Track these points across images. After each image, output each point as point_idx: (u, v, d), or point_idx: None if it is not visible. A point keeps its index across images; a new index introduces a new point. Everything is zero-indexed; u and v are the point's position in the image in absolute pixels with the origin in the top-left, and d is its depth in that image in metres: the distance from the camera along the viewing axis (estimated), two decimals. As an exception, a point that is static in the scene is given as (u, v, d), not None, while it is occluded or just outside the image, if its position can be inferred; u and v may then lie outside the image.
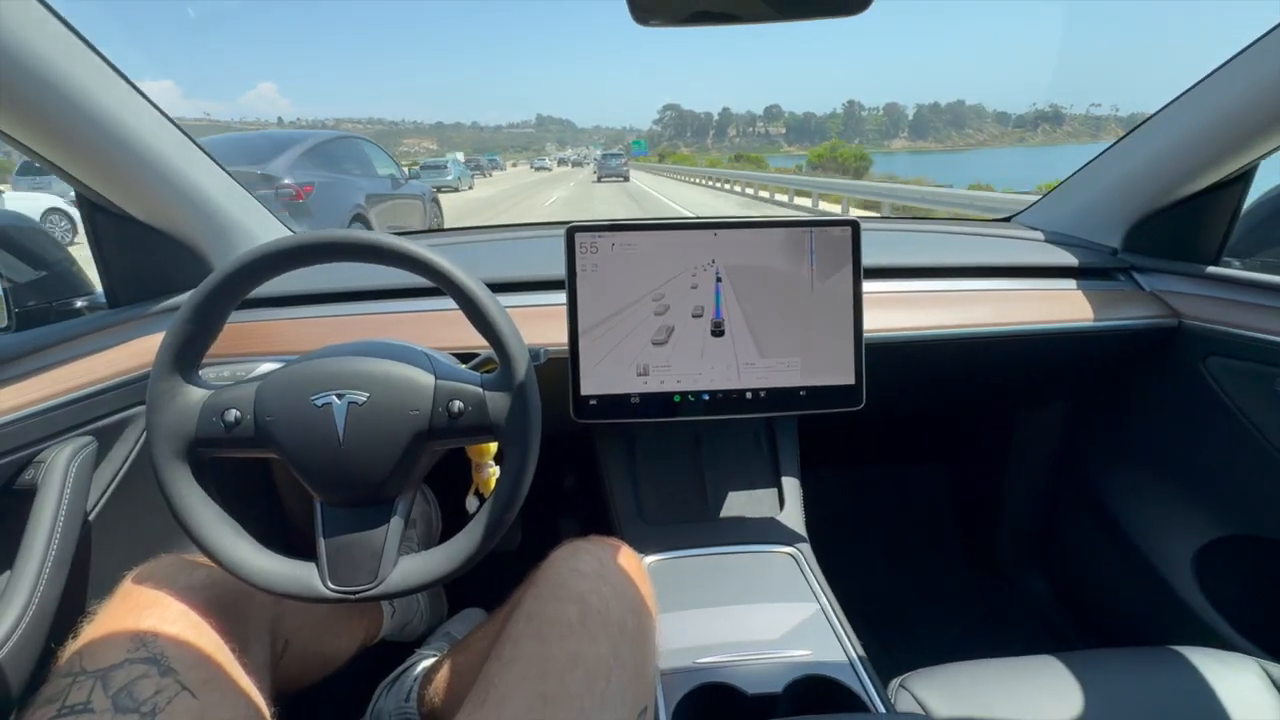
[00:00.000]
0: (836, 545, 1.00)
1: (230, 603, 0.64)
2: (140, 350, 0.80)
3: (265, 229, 1.02)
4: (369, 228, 5.80)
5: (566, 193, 21.45)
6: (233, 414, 0.58)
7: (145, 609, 0.58)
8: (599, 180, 27.22)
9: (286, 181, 4.91)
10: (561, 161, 78.14)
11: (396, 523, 0.61)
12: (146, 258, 0.88)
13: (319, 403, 0.58)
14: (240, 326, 0.89)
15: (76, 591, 0.68)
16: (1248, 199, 0.98)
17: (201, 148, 0.88)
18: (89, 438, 0.73)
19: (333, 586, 0.58)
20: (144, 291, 0.89)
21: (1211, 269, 0.99)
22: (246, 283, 0.58)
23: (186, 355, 0.58)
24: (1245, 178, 0.94)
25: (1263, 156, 0.89)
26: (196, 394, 0.58)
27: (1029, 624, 1.29)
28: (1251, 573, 0.97)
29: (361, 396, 0.58)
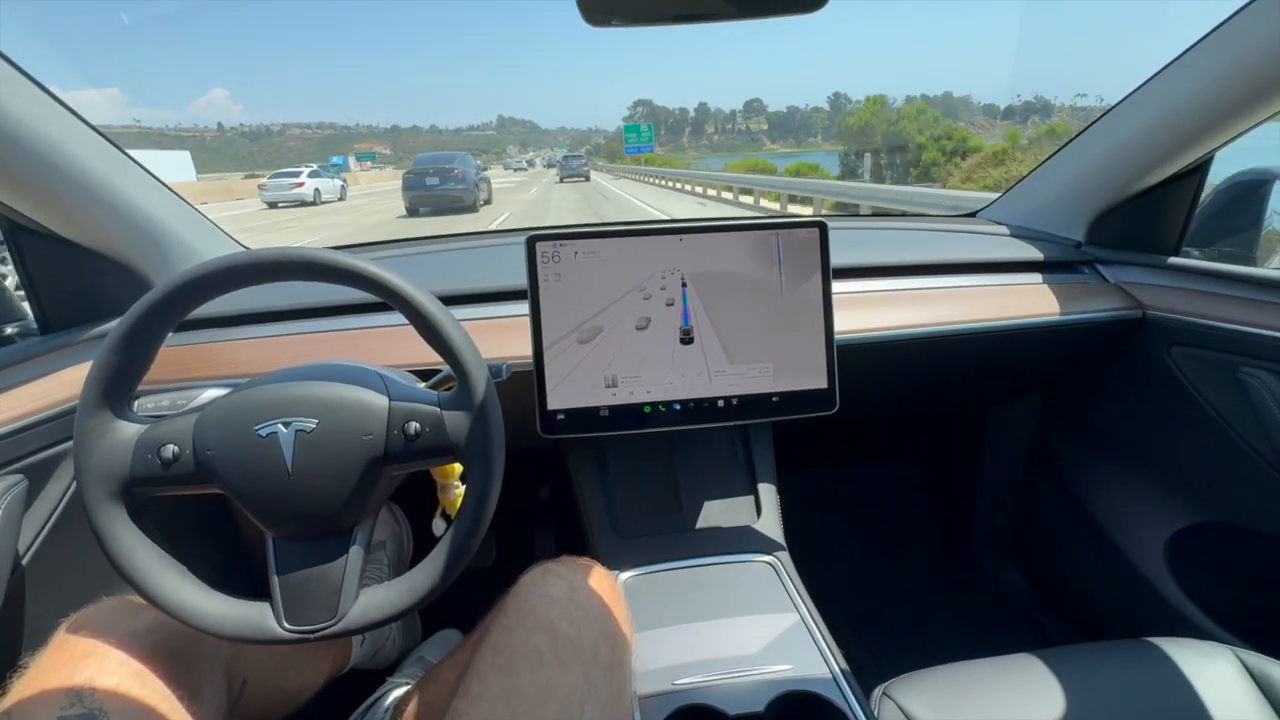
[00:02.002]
0: (815, 549, 0.99)
1: (179, 646, 0.60)
2: (74, 380, 0.75)
3: (211, 244, 0.97)
4: (476, 192, 14.19)
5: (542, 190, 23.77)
6: (170, 449, 0.54)
7: (82, 659, 0.54)
8: (561, 181, 30.19)
9: (458, 171, 13.52)
10: (530, 164, 78.17)
11: (356, 553, 0.58)
12: (81, 280, 0.83)
13: (264, 432, 0.54)
14: (180, 350, 0.85)
15: (7, 643, 0.64)
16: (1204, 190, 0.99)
17: (134, 160, 0.83)
18: (18, 476, 0.68)
19: (288, 626, 0.55)
20: (80, 316, 0.84)
21: (1173, 260, 1.00)
22: (177, 309, 0.54)
23: (116, 388, 0.54)
24: (1201, 169, 0.96)
25: (1218, 148, 0.90)
26: (129, 429, 0.55)
27: (1009, 619, 1.30)
28: (1220, 559, 0.98)
29: (310, 423, 0.55)
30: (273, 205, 19.23)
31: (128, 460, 0.54)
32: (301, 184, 18.89)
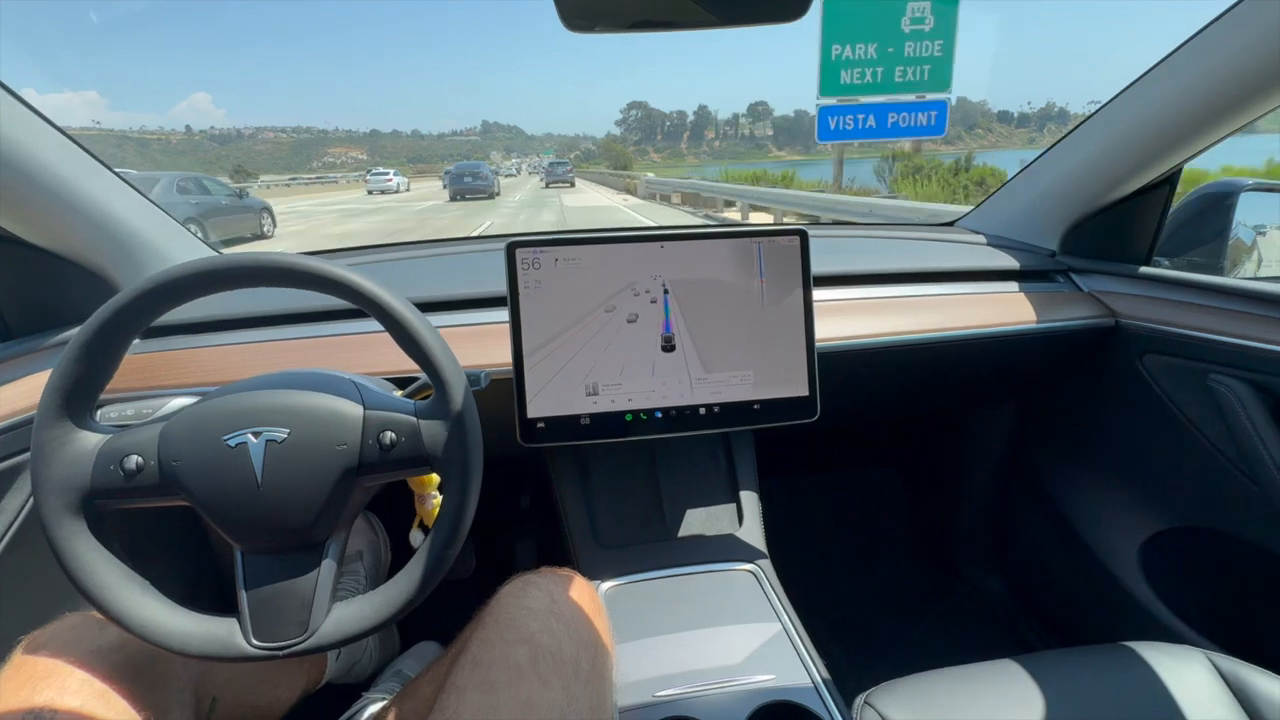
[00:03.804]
0: (796, 556, 0.99)
1: (145, 664, 0.58)
2: (34, 388, 0.72)
3: (182, 249, 0.95)
4: (494, 186, 23.66)
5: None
6: (134, 460, 0.52)
7: (42, 679, 0.52)
8: (546, 186, 31.75)
9: (483, 173, 23.52)
10: (516, 169, 78.17)
11: (328, 567, 0.56)
12: (44, 285, 0.80)
13: (233, 443, 0.53)
14: (146, 357, 0.82)
15: None
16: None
17: (102, 162, 0.81)
18: None
19: (257, 643, 0.53)
20: (43, 322, 0.81)
21: (1144, 269, 1.02)
22: (143, 314, 0.53)
23: (77, 396, 0.52)
24: (1171, 181, 0.98)
25: (1186, 160, 0.92)
26: (91, 439, 0.53)
27: (988, 624, 1.32)
28: (1192, 563, 1.00)
29: (281, 433, 0.53)
30: (370, 193, 31.15)
31: (88, 471, 0.52)
32: (390, 180, 32.21)
